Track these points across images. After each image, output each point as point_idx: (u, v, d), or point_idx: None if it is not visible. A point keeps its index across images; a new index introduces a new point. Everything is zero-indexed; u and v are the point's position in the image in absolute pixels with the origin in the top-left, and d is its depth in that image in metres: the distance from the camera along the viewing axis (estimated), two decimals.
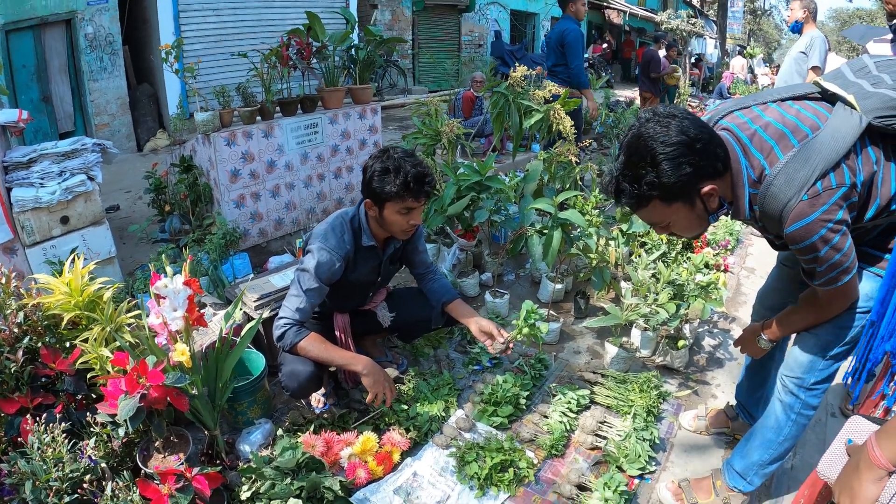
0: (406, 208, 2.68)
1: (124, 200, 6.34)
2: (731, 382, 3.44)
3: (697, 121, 1.78)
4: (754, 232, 6.06)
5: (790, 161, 1.76)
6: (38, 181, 3.63)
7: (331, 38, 5.01)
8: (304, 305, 2.68)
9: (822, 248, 1.76)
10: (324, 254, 2.69)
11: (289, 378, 2.73)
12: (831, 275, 1.82)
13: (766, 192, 1.81)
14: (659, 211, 1.86)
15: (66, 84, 8.33)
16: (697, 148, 1.73)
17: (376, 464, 2.58)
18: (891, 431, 1.26)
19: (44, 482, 1.99)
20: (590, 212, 3.88)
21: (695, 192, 1.81)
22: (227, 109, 4.46)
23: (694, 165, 1.73)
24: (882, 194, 1.81)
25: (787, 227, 1.78)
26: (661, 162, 1.73)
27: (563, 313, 4.19)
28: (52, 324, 2.53)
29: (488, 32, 18.16)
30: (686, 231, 1.99)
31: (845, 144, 1.74)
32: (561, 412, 3.00)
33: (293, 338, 2.65)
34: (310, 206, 5.21)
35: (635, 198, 1.83)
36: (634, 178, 1.79)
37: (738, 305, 4.49)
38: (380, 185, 2.63)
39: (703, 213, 1.88)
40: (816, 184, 1.71)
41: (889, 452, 1.23)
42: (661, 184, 1.75)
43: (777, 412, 2.26)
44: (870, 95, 1.81)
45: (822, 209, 1.71)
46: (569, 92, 5.30)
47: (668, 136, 1.72)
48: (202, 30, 9.57)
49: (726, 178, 1.86)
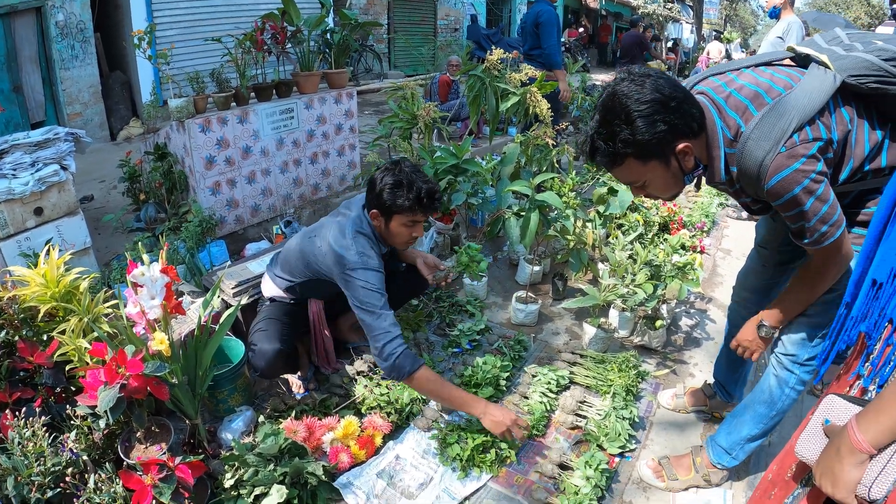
0: (412, 221, 2.75)
1: (99, 190, 6.26)
2: (709, 361, 3.49)
3: (672, 81, 1.80)
4: (730, 214, 6.14)
5: (765, 115, 1.79)
6: (11, 172, 3.58)
7: (306, 22, 4.96)
8: (392, 319, 2.63)
9: (807, 201, 1.75)
10: (372, 274, 2.66)
11: (257, 356, 2.75)
12: (822, 229, 1.79)
13: (742, 148, 1.82)
14: (634, 169, 1.87)
15: (37, 73, 8.18)
16: (672, 106, 1.74)
17: (359, 448, 2.60)
18: (871, 414, 1.26)
19: (26, 477, 1.98)
20: (567, 194, 3.89)
21: (669, 151, 1.82)
22: (201, 95, 4.41)
23: (668, 123, 1.75)
24: (856, 155, 1.84)
25: (766, 183, 1.78)
26: (636, 119, 1.74)
27: (542, 295, 4.22)
28: (28, 316, 2.51)
29: (464, 16, 18.06)
30: (662, 191, 1.99)
31: (820, 100, 1.76)
32: (541, 393, 3.02)
33: (411, 365, 2.57)
34: (286, 192, 5.18)
35: (610, 156, 1.84)
36: (609, 135, 1.80)
37: (714, 286, 4.54)
38: (391, 198, 2.67)
39: (678, 172, 1.89)
40: (793, 136, 1.73)
41: (870, 436, 1.23)
42: (636, 141, 1.77)
43: (772, 387, 2.29)
44: (843, 58, 1.84)
45: (801, 161, 1.72)
46: (545, 75, 5.30)
47: (643, 94, 1.73)
48: (175, 15, 9.42)
49: (701, 138, 1.88)
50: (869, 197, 1.95)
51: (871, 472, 1.24)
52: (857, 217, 1.97)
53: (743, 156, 1.83)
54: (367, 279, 2.63)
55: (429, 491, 2.53)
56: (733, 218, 6.12)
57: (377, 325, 2.58)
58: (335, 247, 2.70)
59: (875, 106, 1.87)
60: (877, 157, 1.86)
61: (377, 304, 2.61)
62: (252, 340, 2.82)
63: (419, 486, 2.55)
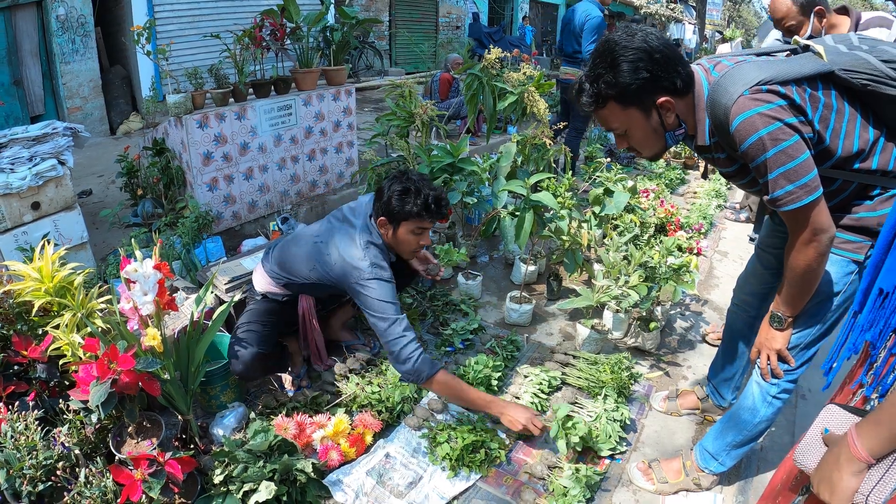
0: (420, 228, 2.79)
1: (97, 185, 6.27)
2: (702, 364, 3.50)
3: (665, 39, 1.85)
4: (727, 216, 6.14)
5: (738, 66, 1.84)
6: (9, 166, 3.59)
7: (305, 19, 4.97)
8: (406, 323, 2.66)
9: (770, 149, 1.74)
10: (383, 283, 2.69)
11: (236, 361, 2.76)
12: (787, 187, 1.76)
13: (712, 93, 1.85)
14: (615, 113, 1.93)
15: (37, 67, 8.18)
16: (656, 58, 1.81)
17: (349, 445, 2.61)
18: (871, 424, 1.27)
19: (17, 470, 2.00)
20: (562, 194, 3.90)
21: (650, 102, 1.89)
22: (199, 91, 4.42)
23: (651, 73, 1.82)
24: (844, 146, 1.84)
25: (731, 125, 1.79)
26: (620, 63, 1.82)
27: (536, 295, 4.23)
28: (23, 311, 2.53)
29: (466, 14, 18.07)
30: (642, 144, 2.03)
31: (801, 70, 1.79)
32: (532, 393, 3.04)
33: (429, 370, 2.64)
34: (283, 188, 5.18)
35: (594, 96, 1.91)
36: (595, 77, 1.88)
37: (710, 288, 4.55)
38: (400, 206, 2.70)
39: (658, 127, 1.94)
40: (762, 86, 1.75)
41: (869, 445, 1.24)
42: (618, 83, 1.84)
43: (754, 394, 2.30)
44: (841, 54, 1.85)
45: (766, 106, 1.72)
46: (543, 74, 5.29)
47: (630, 42, 1.81)
48: (176, 10, 9.42)
49: (688, 99, 1.93)
50: (856, 202, 1.95)
51: (869, 481, 1.25)
52: (841, 220, 1.96)
53: (712, 102, 1.86)
54: (382, 290, 2.66)
55: (418, 490, 2.54)
56: (731, 220, 6.12)
57: (392, 331, 2.62)
58: (347, 258, 2.74)
59: (871, 106, 1.87)
60: (868, 158, 1.86)
61: (391, 312, 2.64)
62: (232, 342, 2.84)
63: (408, 484, 2.56)
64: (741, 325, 2.71)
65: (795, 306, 2.05)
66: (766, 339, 2.16)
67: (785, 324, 2.09)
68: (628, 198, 4.20)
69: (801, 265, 1.89)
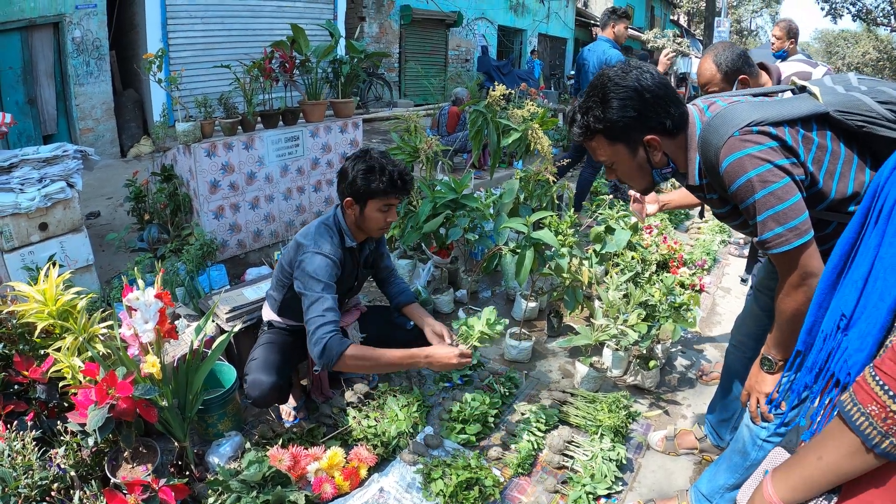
0: (387, 205, 2.78)
1: (105, 207, 6.33)
2: (702, 403, 3.48)
3: (661, 80, 1.88)
4: (731, 252, 6.13)
5: (729, 107, 1.86)
6: (18, 187, 3.64)
7: (314, 52, 5.04)
8: (330, 304, 2.63)
9: (759, 191, 1.73)
10: (321, 258, 2.70)
11: (251, 387, 2.75)
12: (776, 230, 1.74)
13: (703, 135, 1.87)
14: (602, 147, 1.97)
15: (51, 87, 8.31)
16: (646, 97, 1.84)
17: (343, 479, 2.61)
18: (785, 471, 1.29)
19: (13, 489, 2.01)
20: (564, 231, 3.92)
21: (637, 139, 1.91)
22: (208, 120, 4.48)
23: (639, 112, 1.85)
24: (838, 189, 1.82)
25: (720, 166, 1.79)
26: (611, 100, 1.86)
27: (537, 331, 4.23)
28: (26, 331, 2.55)
29: (475, 47, 18.27)
30: (628, 178, 2.06)
31: (795, 111, 1.80)
32: (529, 431, 3.03)
33: (338, 347, 2.55)
34: (289, 218, 5.23)
35: (583, 128, 1.96)
36: (586, 110, 1.93)
37: (712, 325, 4.54)
38: (365, 183, 2.71)
39: (645, 164, 1.97)
40: (752, 127, 1.76)
41: (781, 490, 1.26)
42: (606, 118, 1.88)
43: (745, 437, 2.29)
44: (838, 94, 1.86)
45: (756, 148, 1.73)
46: (547, 111, 5.34)
47: (623, 80, 1.85)
48: (189, 38, 9.57)
49: (679, 139, 1.94)
50: None
51: None
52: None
53: (703, 142, 1.87)
54: (314, 263, 2.68)
55: None
56: (735, 255, 6.09)
57: (312, 310, 2.61)
58: (297, 237, 2.82)
59: (869, 147, 1.87)
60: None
61: (316, 288, 2.64)
62: (248, 369, 2.84)
63: None
64: (738, 367, 2.70)
65: (786, 350, 1.97)
66: (756, 383, 2.10)
67: (775, 367, 2.03)
68: (629, 235, 4.22)
69: (789, 309, 1.86)
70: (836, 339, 1.35)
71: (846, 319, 1.32)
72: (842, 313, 1.33)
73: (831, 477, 1.21)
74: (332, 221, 2.89)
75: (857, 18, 34.02)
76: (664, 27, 28.18)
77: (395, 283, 3.29)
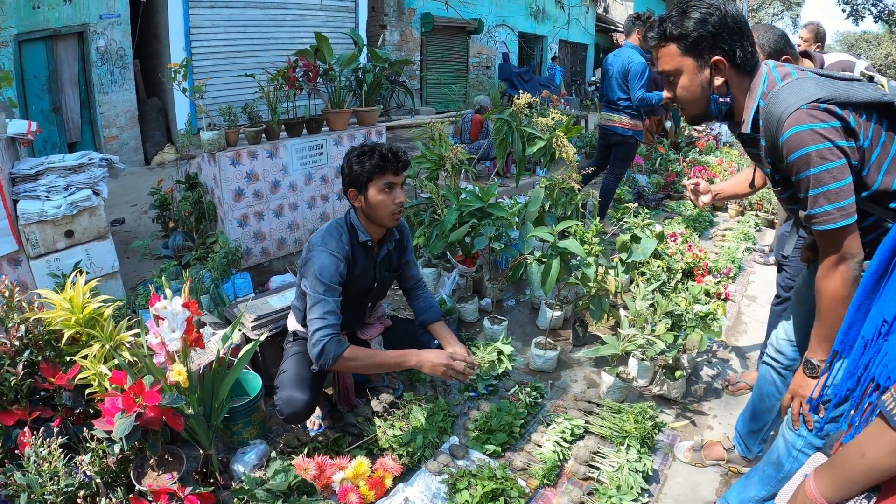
0: (388, 184, 2.77)
1: (130, 214, 6.37)
2: (728, 413, 3.45)
3: (743, 17, 1.94)
4: (756, 259, 6.05)
5: (801, 79, 1.86)
6: (45, 194, 3.67)
7: (338, 61, 5.05)
8: (331, 307, 2.65)
9: (817, 167, 1.75)
10: (326, 256, 2.71)
11: (285, 404, 2.73)
12: (825, 207, 1.78)
13: (770, 99, 1.87)
14: (671, 56, 2.00)
15: (76, 96, 8.41)
16: (727, 21, 1.89)
17: (368, 488, 2.59)
18: (827, 469, 1.32)
19: (39, 495, 2.01)
20: (590, 240, 3.89)
21: (706, 58, 1.95)
22: (233, 129, 4.50)
23: (716, 30, 1.90)
24: (884, 181, 1.84)
25: (782, 135, 1.80)
26: (692, 11, 1.91)
27: (562, 341, 4.20)
28: (52, 338, 2.56)
29: (496, 54, 18.27)
30: (687, 97, 2.06)
31: (860, 95, 1.80)
32: (555, 441, 3.00)
33: (335, 349, 2.57)
34: (313, 226, 5.23)
35: (660, 35, 2.00)
36: (668, 18, 1.98)
37: (738, 335, 4.48)
38: (360, 167, 2.73)
39: (706, 86, 2.00)
40: (820, 104, 1.76)
41: (823, 488, 1.30)
42: (683, 27, 1.92)
43: (780, 448, 2.26)
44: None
45: (821, 124, 1.74)
46: (571, 119, 5.31)
47: (712, 1, 1.92)
48: (212, 47, 9.66)
49: (745, 80, 1.98)
50: None
51: None
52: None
53: (768, 105, 1.88)
54: (319, 261, 2.69)
55: None
56: (760, 263, 6.01)
57: (313, 311, 2.63)
58: (310, 238, 2.84)
59: None
60: None
61: (319, 290, 2.66)
62: (280, 383, 2.82)
63: None
64: (772, 377, 2.67)
65: (828, 347, 1.96)
66: (799, 387, 2.09)
67: (818, 370, 2.02)
68: (655, 244, 4.18)
69: (828, 290, 1.89)
70: (878, 345, 1.37)
71: (888, 325, 1.35)
72: (883, 319, 1.37)
73: (873, 474, 1.25)
74: (343, 219, 2.91)
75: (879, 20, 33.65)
76: None
77: (422, 296, 3.24)
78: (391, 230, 3.00)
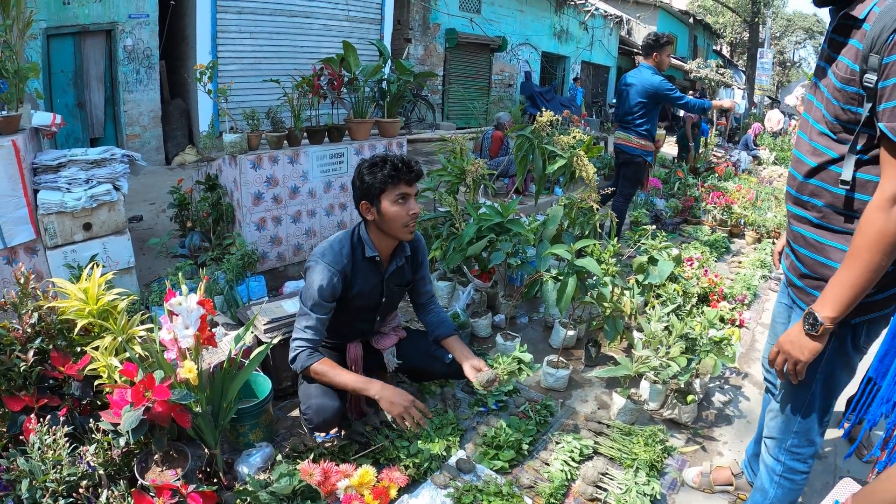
0: (401, 195, 2.73)
1: (148, 211, 6.41)
2: (739, 440, 3.41)
3: None
4: (772, 287, 6.00)
5: None
6: (66, 186, 3.68)
7: (363, 71, 5.06)
8: (312, 323, 2.72)
9: None
10: (320, 269, 2.71)
11: (316, 412, 2.72)
12: None
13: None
14: None
15: (101, 92, 8.50)
16: None
17: (372, 498, 2.56)
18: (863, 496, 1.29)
19: (41, 482, 2.01)
20: (607, 260, 3.87)
21: None
22: (255, 133, 4.52)
23: None
24: None
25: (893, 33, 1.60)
26: None
27: (574, 360, 4.17)
28: (65, 328, 2.57)
29: (519, 73, 18.33)
30: None
31: None
32: (563, 461, 2.97)
33: (305, 361, 2.69)
34: (329, 234, 5.22)
35: None
36: None
37: (751, 362, 4.44)
38: (371, 177, 2.69)
39: None
40: None
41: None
42: None
43: (763, 474, 2.25)
44: None
45: None
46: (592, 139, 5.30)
47: None
48: (238, 51, 9.74)
49: None
50: None
51: None
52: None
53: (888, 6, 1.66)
54: (312, 274, 2.73)
55: None
56: (775, 291, 5.98)
57: (297, 321, 2.78)
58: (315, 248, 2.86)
59: None
60: None
61: (307, 304, 2.74)
62: (306, 394, 2.79)
63: None
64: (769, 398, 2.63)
65: (842, 302, 1.75)
66: (790, 343, 1.89)
67: (820, 329, 1.79)
68: (672, 267, 4.15)
69: (876, 225, 1.66)
70: None
71: None
72: None
73: None
74: (349, 233, 2.89)
75: None
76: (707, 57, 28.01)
77: (434, 311, 3.24)
78: (402, 245, 2.97)
